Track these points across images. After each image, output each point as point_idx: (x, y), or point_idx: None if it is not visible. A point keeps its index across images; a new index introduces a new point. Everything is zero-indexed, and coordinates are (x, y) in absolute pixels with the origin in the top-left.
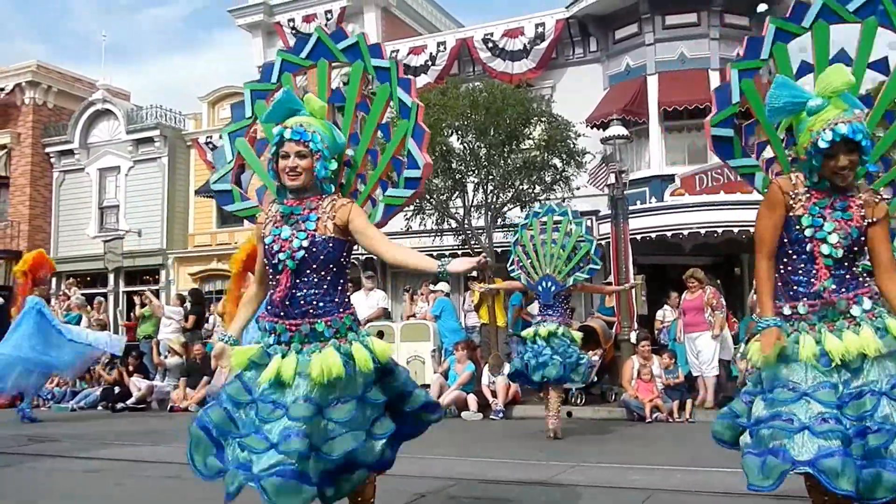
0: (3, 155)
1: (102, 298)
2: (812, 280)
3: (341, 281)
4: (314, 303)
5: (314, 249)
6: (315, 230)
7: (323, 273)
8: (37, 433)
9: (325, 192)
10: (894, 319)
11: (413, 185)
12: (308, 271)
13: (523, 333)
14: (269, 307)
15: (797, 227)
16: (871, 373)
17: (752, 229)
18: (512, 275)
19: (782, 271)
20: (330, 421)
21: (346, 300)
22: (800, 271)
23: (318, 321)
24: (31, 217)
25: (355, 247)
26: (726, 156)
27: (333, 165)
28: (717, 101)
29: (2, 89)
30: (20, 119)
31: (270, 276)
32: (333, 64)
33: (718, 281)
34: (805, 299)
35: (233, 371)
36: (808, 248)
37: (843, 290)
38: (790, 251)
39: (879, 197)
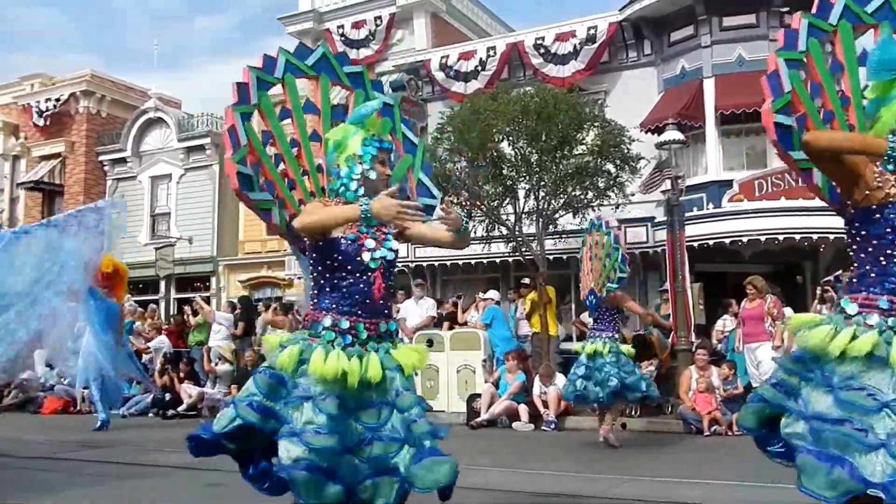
0: (57, 163)
1: (155, 305)
2: None
3: None
4: (387, 303)
5: (395, 254)
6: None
7: (391, 277)
8: (88, 439)
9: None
10: None
11: (429, 213)
12: (387, 274)
13: (573, 347)
14: (346, 306)
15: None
16: None
17: (814, 236)
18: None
19: (883, 262)
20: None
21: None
22: None
23: (390, 321)
24: None
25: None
26: (787, 146)
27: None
28: (770, 88)
29: (57, 99)
30: (74, 128)
31: (346, 274)
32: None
33: (780, 289)
34: None
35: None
36: None
37: None
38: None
39: None
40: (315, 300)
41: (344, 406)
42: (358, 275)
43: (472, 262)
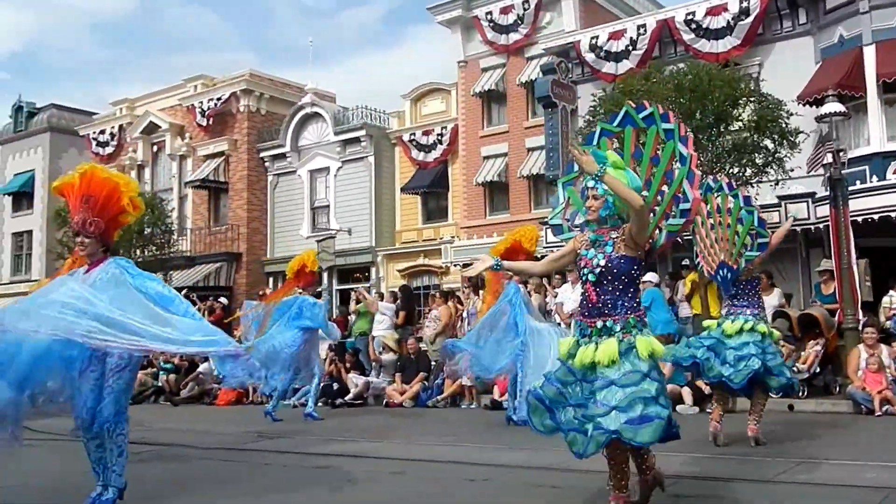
0: (221, 161)
1: (328, 296)
2: None
3: (632, 289)
4: (609, 305)
5: (610, 265)
6: (612, 252)
7: (616, 283)
8: (265, 429)
9: (617, 224)
10: None
11: (685, 215)
12: (605, 282)
13: (704, 324)
14: (581, 309)
15: None
16: None
17: None
18: (697, 268)
19: None
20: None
21: (636, 303)
22: None
23: (609, 319)
24: (249, 220)
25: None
26: None
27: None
28: None
29: (219, 98)
30: (236, 126)
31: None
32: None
33: None
34: None
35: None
36: None
37: None
38: None
39: None
40: None
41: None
42: (583, 286)
43: None
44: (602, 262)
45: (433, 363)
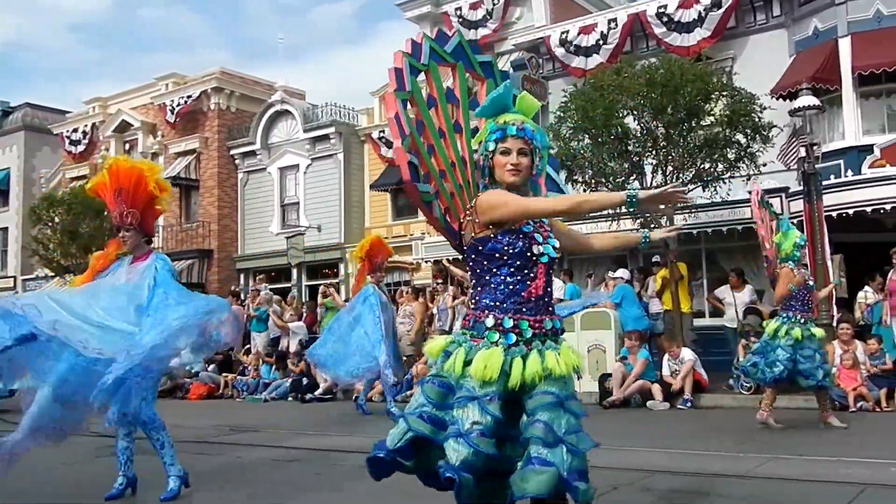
0: (192, 159)
1: (296, 293)
2: None
3: None
4: (550, 299)
5: (558, 247)
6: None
7: (552, 271)
8: (238, 423)
9: (534, 191)
10: None
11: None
12: (551, 270)
13: (768, 330)
14: (509, 304)
15: None
16: None
17: None
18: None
19: None
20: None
21: None
22: None
23: (554, 319)
24: (220, 217)
25: None
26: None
27: (542, 165)
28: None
29: (189, 96)
30: (207, 124)
31: (514, 270)
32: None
33: None
34: None
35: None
36: None
37: None
38: None
39: None
40: (476, 298)
41: (512, 402)
42: (525, 271)
43: None
44: (557, 244)
45: (403, 359)
